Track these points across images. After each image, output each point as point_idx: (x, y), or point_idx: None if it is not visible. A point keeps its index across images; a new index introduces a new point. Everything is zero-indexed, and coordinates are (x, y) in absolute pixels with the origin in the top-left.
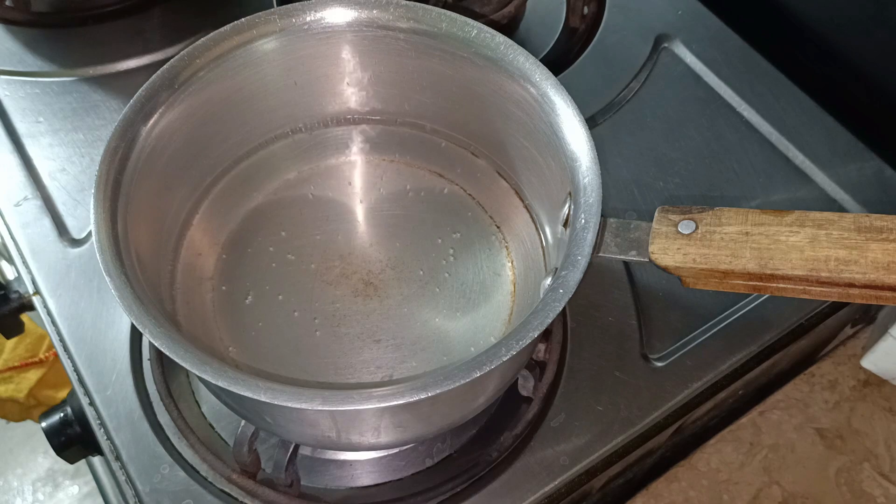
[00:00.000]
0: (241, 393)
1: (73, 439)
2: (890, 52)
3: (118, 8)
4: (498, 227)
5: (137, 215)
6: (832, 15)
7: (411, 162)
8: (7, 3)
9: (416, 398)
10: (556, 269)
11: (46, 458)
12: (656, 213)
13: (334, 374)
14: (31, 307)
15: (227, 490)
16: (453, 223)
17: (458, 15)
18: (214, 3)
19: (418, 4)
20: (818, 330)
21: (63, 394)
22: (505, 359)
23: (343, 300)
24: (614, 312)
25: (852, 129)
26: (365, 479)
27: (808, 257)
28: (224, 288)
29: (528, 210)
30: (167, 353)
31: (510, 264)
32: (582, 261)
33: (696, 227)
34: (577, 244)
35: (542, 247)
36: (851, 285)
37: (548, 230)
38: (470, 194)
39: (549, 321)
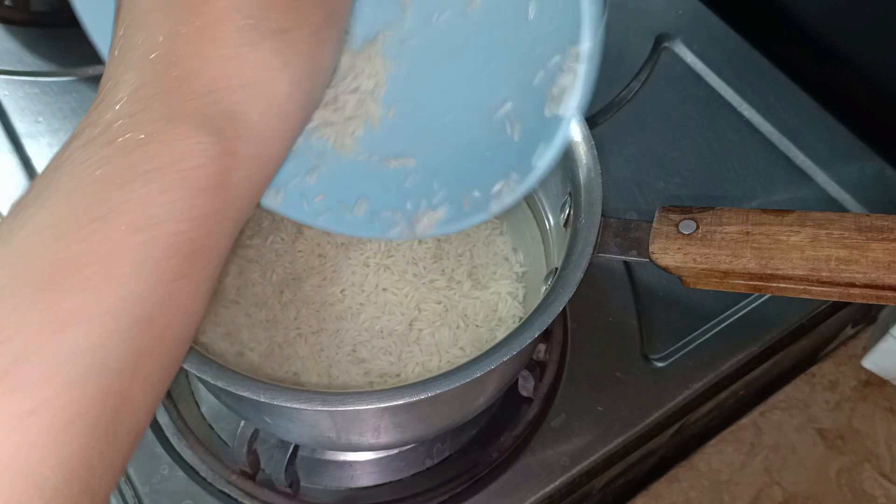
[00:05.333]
0: (241, 393)
1: None
2: (891, 51)
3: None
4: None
5: None
6: (833, 14)
7: None
8: (6, 2)
9: (416, 398)
10: (557, 269)
11: None
12: (657, 213)
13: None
14: None
15: (226, 491)
16: None
17: None
18: None
19: None
20: (819, 330)
21: None
22: (505, 359)
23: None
24: (614, 312)
25: (853, 129)
26: (365, 479)
27: (809, 257)
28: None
29: (529, 208)
30: None
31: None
32: (582, 261)
33: (697, 227)
34: (578, 244)
35: (544, 244)
36: (852, 285)
37: (549, 229)
38: None
39: (550, 321)
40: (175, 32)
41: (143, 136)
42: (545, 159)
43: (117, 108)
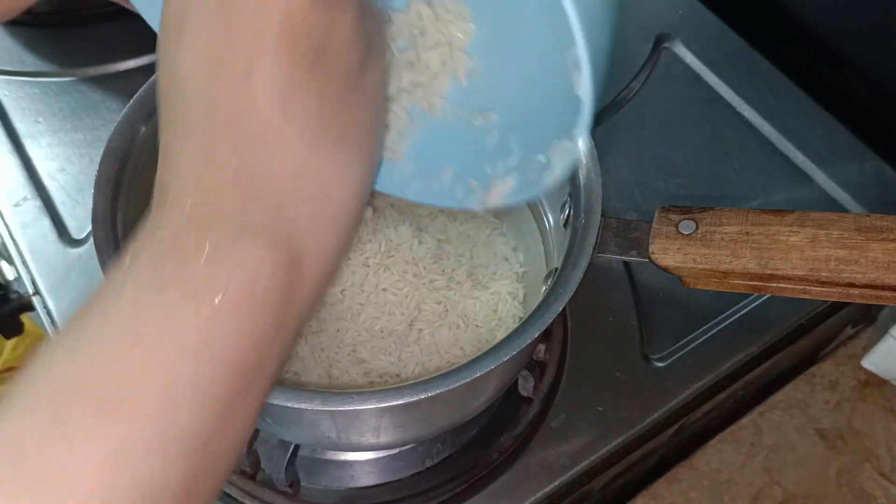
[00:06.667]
0: None
1: None
2: (891, 51)
3: (118, 8)
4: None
5: (137, 215)
6: (833, 14)
7: None
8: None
9: (416, 398)
10: (557, 269)
11: None
12: (656, 213)
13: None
14: (30, 308)
15: (226, 490)
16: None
17: None
18: None
19: None
20: (819, 330)
21: None
22: (505, 359)
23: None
24: (614, 312)
25: (853, 129)
26: (365, 479)
27: (809, 257)
28: None
29: (529, 208)
30: None
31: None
32: (582, 261)
33: (697, 227)
34: (578, 244)
35: (544, 244)
36: (852, 285)
37: (549, 229)
38: None
39: (550, 321)
40: (239, 142)
41: (214, 253)
42: (580, 128)
43: (186, 217)
